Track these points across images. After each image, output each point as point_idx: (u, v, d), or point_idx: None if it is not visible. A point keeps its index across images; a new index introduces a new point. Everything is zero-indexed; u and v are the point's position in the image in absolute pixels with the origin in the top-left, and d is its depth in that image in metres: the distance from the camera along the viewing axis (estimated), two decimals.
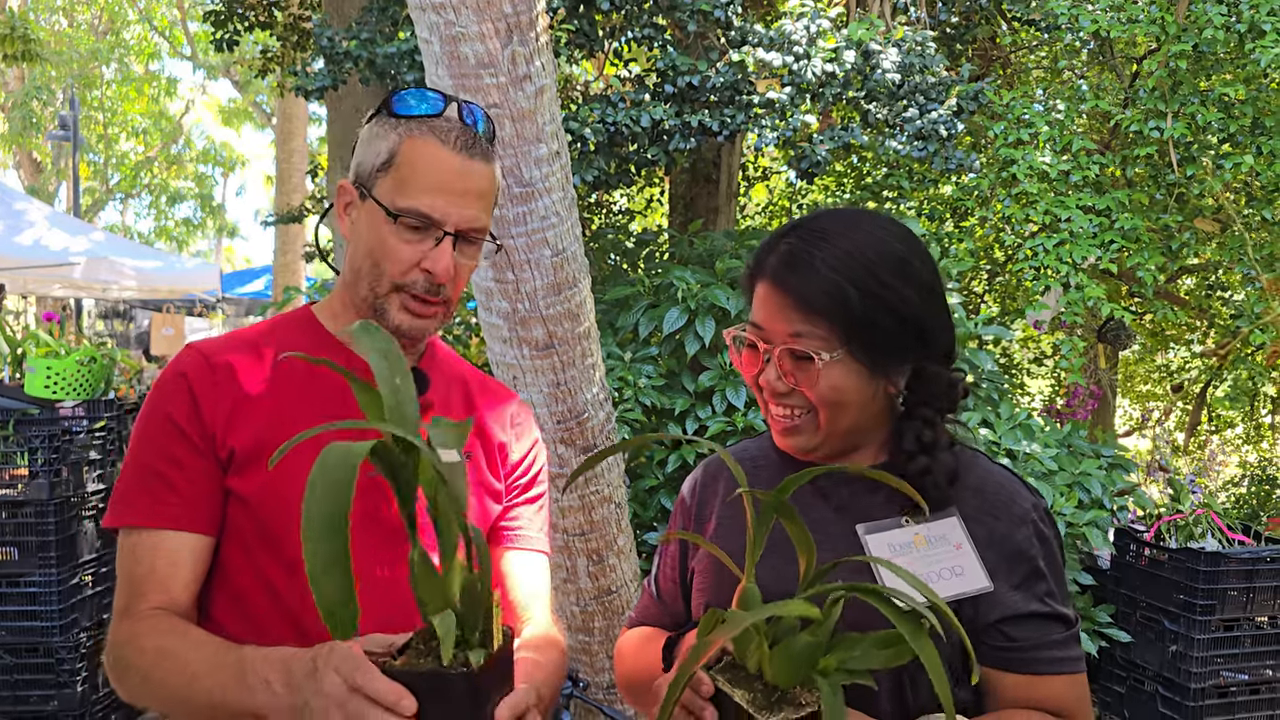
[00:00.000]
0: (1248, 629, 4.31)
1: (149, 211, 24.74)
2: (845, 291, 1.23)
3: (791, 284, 1.25)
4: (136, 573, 1.31)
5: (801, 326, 1.25)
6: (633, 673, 1.47)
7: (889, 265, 1.27)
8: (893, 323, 1.26)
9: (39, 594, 3.73)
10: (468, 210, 1.35)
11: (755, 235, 4.85)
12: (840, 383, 1.27)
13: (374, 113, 1.41)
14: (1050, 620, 1.28)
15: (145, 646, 1.26)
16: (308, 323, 1.46)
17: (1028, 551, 1.29)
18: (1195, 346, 8.83)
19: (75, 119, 14.81)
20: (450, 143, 1.34)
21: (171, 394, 1.35)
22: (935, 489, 1.29)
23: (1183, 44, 5.10)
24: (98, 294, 11.81)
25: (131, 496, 1.33)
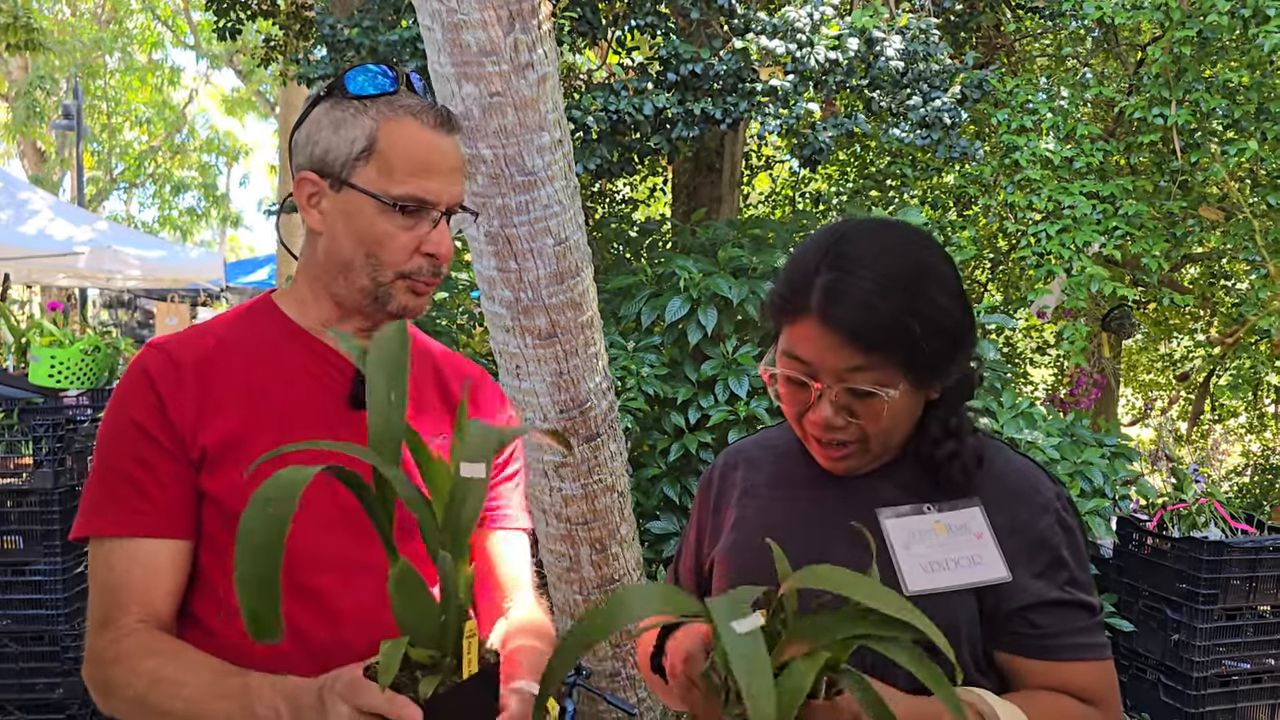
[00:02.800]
0: (1250, 618, 4.32)
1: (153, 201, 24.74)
2: (905, 323, 1.21)
3: (845, 320, 1.21)
4: (112, 583, 1.28)
5: (860, 361, 1.22)
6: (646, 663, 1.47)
7: (928, 282, 1.25)
8: (944, 342, 1.25)
9: (44, 582, 3.74)
10: (455, 187, 1.34)
11: (758, 224, 4.84)
12: (899, 410, 1.27)
13: (322, 96, 1.36)
14: (1073, 607, 1.28)
15: (139, 670, 1.23)
16: (271, 313, 1.41)
17: (1050, 540, 1.29)
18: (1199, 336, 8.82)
19: (79, 108, 14.81)
20: (428, 122, 1.32)
21: (136, 396, 1.30)
22: (963, 473, 1.30)
23: (1187, 30, 5.08)
24: (102, 284, 11.82)
25: (101, 504, 1.29)
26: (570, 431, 3.10)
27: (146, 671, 1.23)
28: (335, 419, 1.33)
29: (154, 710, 1.23)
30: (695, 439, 3.97)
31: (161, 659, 1.24)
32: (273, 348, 1.37)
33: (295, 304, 1.41)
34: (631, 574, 3.36)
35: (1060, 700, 1.25)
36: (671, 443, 4.04)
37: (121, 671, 1.24)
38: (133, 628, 1.26)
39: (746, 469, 1.47)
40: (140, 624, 1.27)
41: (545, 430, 1.29)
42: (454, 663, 1.07)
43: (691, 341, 4.07)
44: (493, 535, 1.52)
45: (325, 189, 1.33)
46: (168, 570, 1.29)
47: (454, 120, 1.35)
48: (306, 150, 1.34)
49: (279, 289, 1.46)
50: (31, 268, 10.42)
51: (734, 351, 4.07)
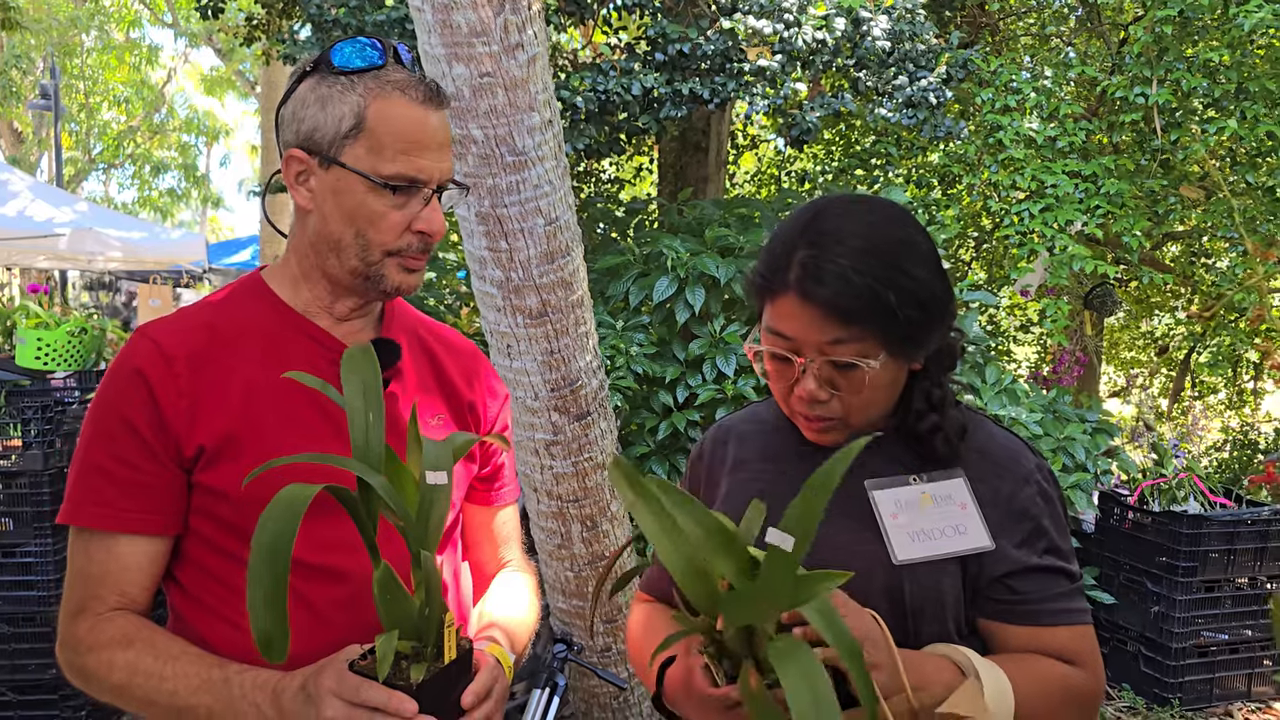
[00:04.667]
0: (1228, 590, 4.39)
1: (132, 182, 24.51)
2: (880, 294, 1.23)
3: (822, 295, 1.24)
4: (91, 573, 1.28)
5: (841, 333, 1.24)
6: (637, 654, 1.49)
7: (904, 253, 1.28)
8: (922, 313, 1.27)
9: (35, 564, 3.75)
10: (445, 163, 1.32)
11: (744, 204, 4.86)
12: (881, 381, 1.29)
13: (308, 71, 1.33)
14: (1054, 574, 1.31)
15: (117, 660, 1.24)
16: (264, 294, 1.38)
17: (1031, 510, 1.32)
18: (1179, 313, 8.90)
19: (56, 88, 14.63)
20: (416, 97, 1.29)
21: (127, 392, 1.28)
22: (946, 445, 1.33)
23: (1169, 9, 5.11)
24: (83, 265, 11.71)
25: (83, 496, 1.28)
26: (561, 410, 3.12)
27: (125, 662, 1.24)
28: (335, 407, 1.32)
29: (134, 700, 1.25)
30: (683, 417, 4.00)
31: (139, 649, 1.24)
32: (269, 336, 1.34)
33: (287, 283, 1.38)
34: None
35: (1043, 662, 1.28)
36: (660, 421, 4.07)
37: (99, 660, 1.25)
38: (109, 616, 1.27)
39: (736, 443, 1.48)
40: (116, 611, 1.28)
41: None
42: (435, 651, 1.13)
43: (679, 321, 4.09)
44: (490, 510, 1.57)
45: (314, 167, 1.30)
46: (146, 566, 1.30)
47: (442, 94, 1.33)
48: (293, 127, 1.31)
49: (268, 266, 1.43)
50: (11, 250, 10.33)
51: (721, 330, 4.10)
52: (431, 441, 1.17)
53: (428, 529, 1.12)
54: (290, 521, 0.97)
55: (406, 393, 1.40)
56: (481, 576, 1.58)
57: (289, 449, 1.26)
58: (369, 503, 1.11)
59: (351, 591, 1.28)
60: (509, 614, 1.46)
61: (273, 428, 1.29)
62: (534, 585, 1.59)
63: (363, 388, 1.12)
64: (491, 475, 1.54)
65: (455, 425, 1.45)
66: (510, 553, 1.60)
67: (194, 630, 1.31)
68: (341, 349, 1.34)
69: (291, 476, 1.08)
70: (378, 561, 1.09)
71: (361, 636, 1.20)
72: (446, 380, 1.47)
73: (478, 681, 1.19)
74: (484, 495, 1.55)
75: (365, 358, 1.16)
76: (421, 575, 1.11)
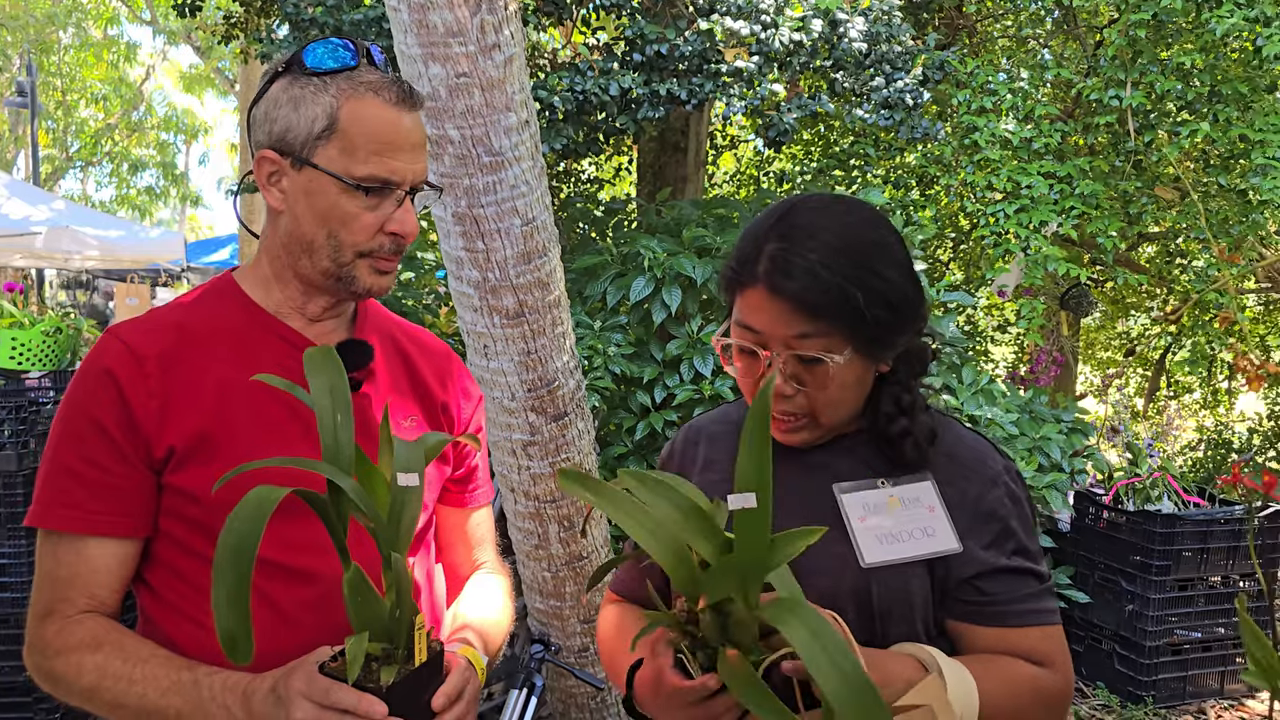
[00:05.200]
0: (1201, 588, 4.44)
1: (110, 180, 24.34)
2: (847, 291, 1.24)
3: (790, 288, 1.25)
4: (59, 575, 1.28)
5: (805, 328, 1.25)
6: (607, 657, 1.49)
7: (875, 253, 1.28)
8: (891, 314, 1.28)
9: (8, 565, 3.71)
10: (418, 164, 1.31)
11: (722, 204, 4.87)
12: (846, 380, 1.29)
13: (280, 71, 1.32)
14: (1022, 575, 1.32)
15: (85, 663, 1.24)
16: (235, 295, 1.38)
17: (999, 512, 1.33)
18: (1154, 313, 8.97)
19: (33, 85, 14.51)
20: (390, 99, 1.29)
21: (97, 393, 1.27)
22: (914, 449, 1.33)
23: (1143, 13, 5.16)
24: (60, 264, 11.65)
25: (51, 499, 1.28)
26: (538, 410, 3.12)
27: (94, 665, 1.23)
28: (305, 408, 1.30)
29: (103, 703, 1.24)
30: (661, 417, 4.01)
31: (108, 651, 1.24)
32: (240, 336, 1.34)
33: (259, 284, 1.38)
34: (599, 550, 3.40)
35: (1011, 662, 1.28)
36: (638, 421, 4.07)
37: (67, 664, 1.25)
38: (78, 618, 1.27)
39: (707, 444, 1.49)
40: (84, 614, 1.27)
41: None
42: (405, 653, 1.14)
43: (656, 321, 4.10)
44: (464, 512, 1.57)
45: (286, 168, 1.29)
46: (115, 569, 1.29)
47: (416, 95, 1.33)
48: (265, 128, 1.31)
49: (240, 267, 1.43)
50: None
51: (699, 331, 4.11)
52: (403, 442, 1.17)
53: (399, 531, 1.12)
54: (256, 523, 0.97)
55: (379, 394, 1.39)
56: (455, 579, 1.58)
57: (260, 450, 1.26)
58: (339, 505, 1.10)
59: (321, 593, 1.28)
60: (482, 616, 1.46)
61: (244, 428, 1.29)
62: (508, 587, 1.59)
63: (330, 388, 1.12)
64: (465, 477, 1.54)
65: (428, 426, 1.45)
66: (484, 554, 1.60)
67: (163, 632, 1.30)
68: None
69: (262, 479, 1.08)
70: (348, 564, 1.10)
71: (330, 638, 1.21)
72: (420, 381, 1.47)
73: (449, 683, 1.19)
74: (457, 497, 1.54)
75: (327, 358, 1.16)
76: (392, 577, 1.11)
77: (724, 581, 1.06)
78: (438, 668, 1.19)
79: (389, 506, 1.12)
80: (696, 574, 1.08)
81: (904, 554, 1.29)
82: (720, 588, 1.06)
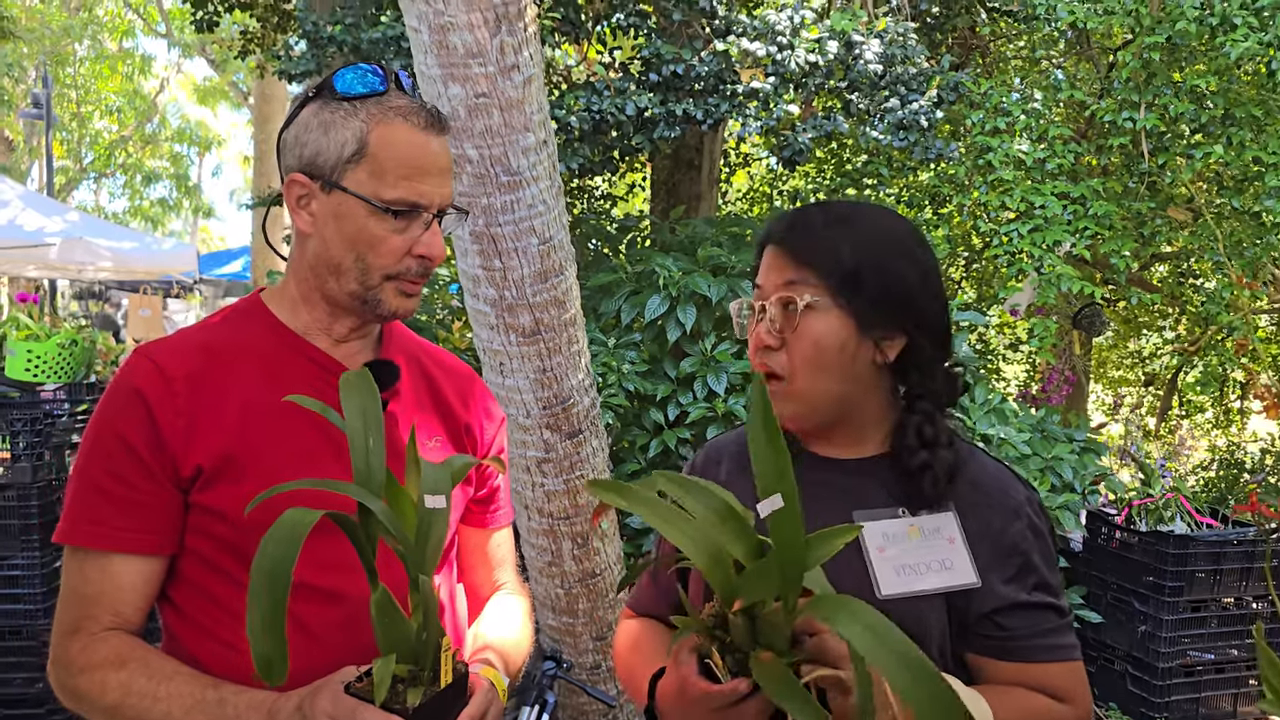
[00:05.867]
0: (1214, 610, 4.41)
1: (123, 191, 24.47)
2: (838, 246, 1.30)
3: (788, 241, 1.32)
4: (85, 593, 1.29)
5: (794, 275, 1.31)
6: (625, 671, 1.49)
7: (886, 236, 1.33)
8: (880, 283, 1.30)
9: (22, 577, 3.73)
10: (445, 188, 1.33)
11: (736, 222, 4.88)
12: (822, 336, 1.30)
13: (311, 97, 1.34)
14: (1043, 610, 1.31)
15: (110, 681, 1.24)
16: (263, 316, 1.39)
17: (1020, 545, 1.31)
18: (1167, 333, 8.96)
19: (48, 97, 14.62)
20: (419, 123, 1.31)
21: (126, 411, 1.28)
22: (933, 485, 1.31)
23: (1156, 36, 5.17)
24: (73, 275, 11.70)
25: (79, 516, 1.29)
26: (553, 427, 3.14)
27: (118, 683, 1.24)
28: (334, 428, 1.31)
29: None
30: (674, 435, 4.01)
31: (133, 669, 1.25)
32: (268, 356, 1.35)
33: (286, 305, 1.39)
34: (612, 568, 3.40)
35: (1030, 695, 1.28)
36: (651, 439, 4.08)
37: (92, 681, 1.25)
38: (103, 635, 1.27)
39: (729, 464, 1.48)
40: (110, 631, 1.28)
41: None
42: (431, 674, 1.14)
43: (670, 339, 4.11)
44: (485, 533, 1.58)
45: (315, 191, 1.31)
46: (140, 586, 1.30)
47: (443, 120, 1.35)
48: (295, 152, 1.32)
49: (267, 289, 1.44)
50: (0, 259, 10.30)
51: (712, 349, 4.11)
52: (430, 464, 1.18)
53: (425, 553, 1.13)
54: (291, 546, 0.98)
55: (405, 414, 1.40)
56: (476, 599, 1.58)
57: (288, 470, 1.27)
58: (368, 527, 1.11)
59: (347, 613, 1.29)
60: (503, 637, 1.47)
61: (271, 448, 1.30)
62: (528, 609, 1.59)
63: (362, 411, 1.13)
64: (487, 498, 1.55)
65: (452, 447, 1.46)
66: (505, 575, 1.61)
67: (187, 650, 1.31)
68: (341, 370, 1.35)
69: (292, 499, 1.09)
70: (376, 585, 1.10)
71: (355, 658, 1.21)
72: (443, 402, 1.48)
73: (473, 705, 1.20)
74: (479, 518, 1.55)
75: (363, 381, 1.17)
76: (419, 599, 1.12)
77: (762, 583, 1.05)
78: (462, 689, 1.19)
79: (416, 528, 1.13)
80: (732, 576, 1.07)
81: (921, 587, 1.28)
82: (758, 589, 1.06)
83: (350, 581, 1.27)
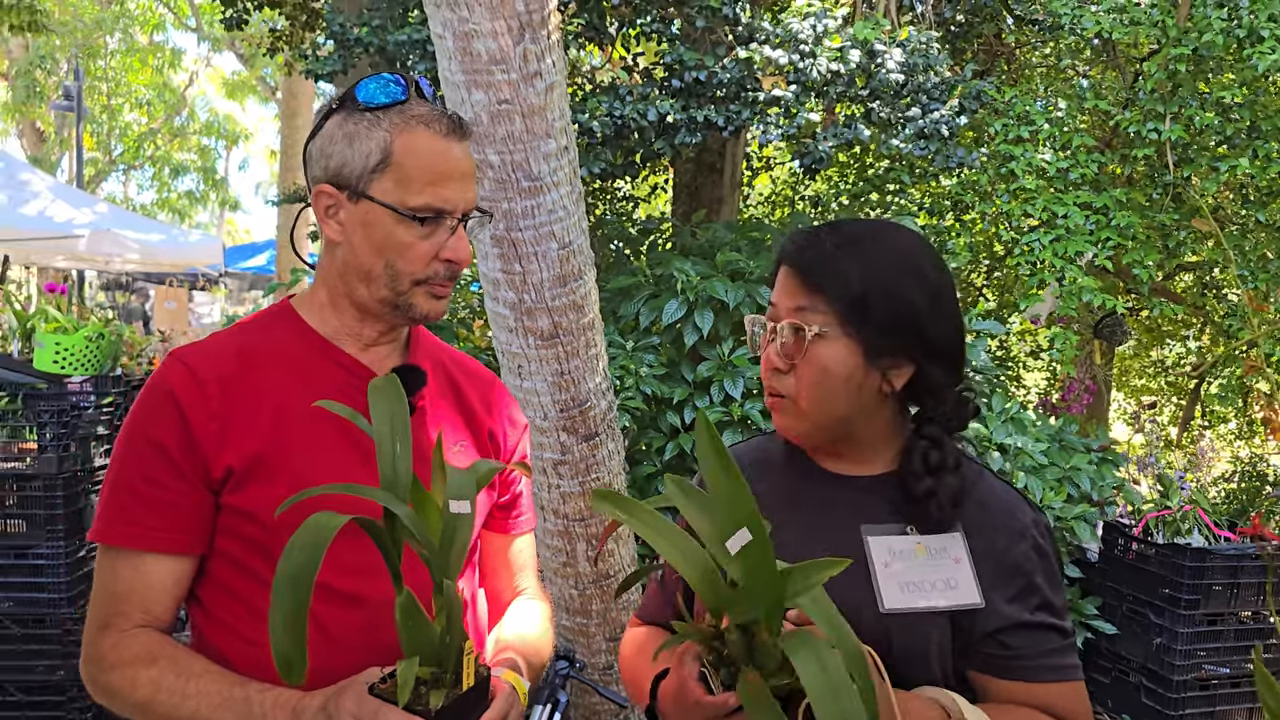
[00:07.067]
0: (1230, 623, 4.39)
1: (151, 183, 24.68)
2: (847, 271, 1.30)
3: (799, 263, 1.33)
4: (117, 590, 1.32)
5: (804, 300, 1.31)
6: (629, 674, 1.52)
7: (897, 260, 1.32)
8: (889, 310, 1.30)
9: (46, 566, 3.78)
10: (469, 192, 1.36)
11: (757, 227, 4.89)
12: (830, 365, 1.31)
13: (334, 108, 1.37)
14: (1046, 630, 1.32)
15: (140, 677, 1.27)
16: (293, 321, 1.42)
17: (1023, 565, 1.33)
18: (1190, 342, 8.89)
19: (79, 89, 14.79)
20: (440, 130, 1.33)
21: (159, 414, 1.31)
22: (939, 510, 1.33)
23: (1183, 47, 5.14)
24: (100, 266, 11.83)
25: (113, 515, 1.32)
26: (570, 430, 3.16)
27: (148, 679, 1.27)
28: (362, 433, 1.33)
29: (156, 717, 1.28)
30: (690, 438, 4.02)
31: (163, 666, 1.28)
32: (299, 362, 1.38)
33: (316, 311, 1.42)
34: (626, 570, 3.42)
35: (1034, 714, 1.29)
36: (667, 442, 4.10)
37: (123, 677, 1.28)
38: (133, 633, 1.31)
39: (745, 474, 1.50)
40: (140, 628, 1.31)
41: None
42: (453, 677, 1.16)
43: (688, 343, 4.12)
44: (507, 538, 1.60)
45: (343, 201, 1.34)
46: (170, 585, 1.33)
47: (464, 126, 1.37)
48: (321, 163, 1.35)
49: (297, 294, 1.47)
50: (30, 249, 10.43)
51: (730, 353, 4.13)
52: (455, 470, 1.20)
53: (449, 557, 1.14)
54: (316, 550, 1.00)
55: (431, 419, 1.43)
56: (497, 604, 1.60)
57: (316, 473, 1.30)
58: (394, 531, 1.13)
59: (367, 616, 1.32)
60: (524, 641, 1.49)
61: (301, 452, 1.33)
62: (549, 614, 1.61)
63: (390, 417, 1.15)
64: (510, 503, 1.57)
65: (476, 452, 1.48)
66: (526, 580, 1.63)
67: (215, 649, 1.34)
68: (370, 376, 1.38)
69: (320, 503, 1.12)
70: (401, 589, 1.12)
71: (374, 660, 1.24)
72: (468, 407, 1.51)
73: (494, 709, 1.22)
74: (502, 523, 1.58)
75: (391, 387, 1.19)
76: (443, 603, 1.14)
77: (749, 604, 1.08)
78: (484, 692, 1.21)
79: (440, 533, 1.15)
80: (724, 593, 1.10)
81: (924, 604, 1.29)
82: (745, 609, 1.09)
83: (371, 585, 1.30)
